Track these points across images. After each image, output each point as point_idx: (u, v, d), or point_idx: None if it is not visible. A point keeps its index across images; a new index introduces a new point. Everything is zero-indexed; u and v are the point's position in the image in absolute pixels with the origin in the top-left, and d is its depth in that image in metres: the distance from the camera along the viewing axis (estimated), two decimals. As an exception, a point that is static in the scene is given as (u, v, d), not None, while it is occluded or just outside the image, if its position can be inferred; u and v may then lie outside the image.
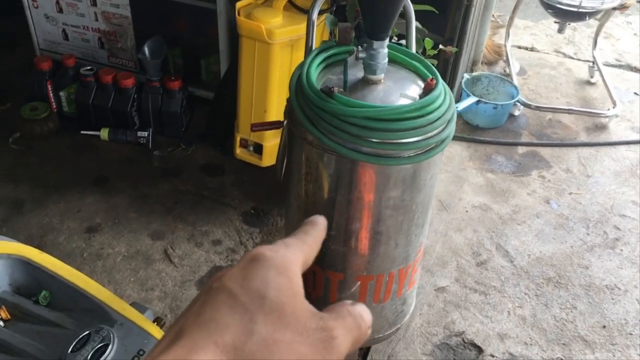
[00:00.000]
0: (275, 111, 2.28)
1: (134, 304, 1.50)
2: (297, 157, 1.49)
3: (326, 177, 1.43)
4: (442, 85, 1.39)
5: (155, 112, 2.59)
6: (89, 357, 1.29)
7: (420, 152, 1.36)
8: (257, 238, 2.24)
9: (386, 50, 1.38)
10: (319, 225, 0.48)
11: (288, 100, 1.51)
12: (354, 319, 0.41)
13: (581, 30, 3.73)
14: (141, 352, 1.35)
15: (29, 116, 2.57)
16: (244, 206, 2.37)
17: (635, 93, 3.24)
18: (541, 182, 2.59)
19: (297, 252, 0.43)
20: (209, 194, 2.42)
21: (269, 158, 2.40)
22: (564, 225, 2.38)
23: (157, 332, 1.41)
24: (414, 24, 1.57)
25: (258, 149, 2.43)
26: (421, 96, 1.37)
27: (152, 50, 2.49)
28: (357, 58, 1.39)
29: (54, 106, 2.66)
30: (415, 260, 1.62)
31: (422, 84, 1.46)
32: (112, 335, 1.35)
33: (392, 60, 1.47)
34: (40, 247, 2.11)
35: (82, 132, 2.60)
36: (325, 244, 1.43)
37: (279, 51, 2.19)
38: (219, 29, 2.47)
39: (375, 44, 1.36)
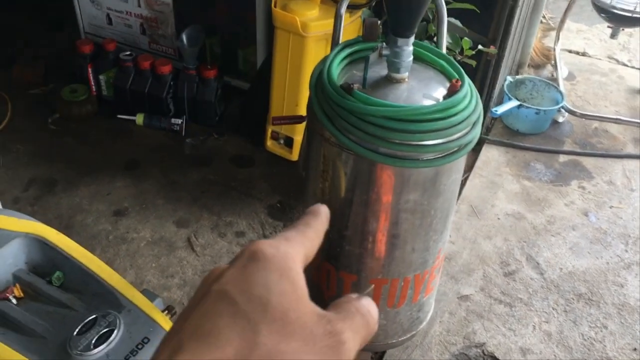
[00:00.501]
0: (307, 105, 2.25)
1: (144, 291, 1.50)
2: (315, 154, 1.45)
3: (343, 176, 1.39)
4: (468, 86, 1.33)
5: (190, 100, 2.60)
6: (93, 340, 1.30)
7: (440, 155, 1.31)
8: (280, 232, 2.22)
9: (411, 48, 1.33)
10: (320, 216, 0.44)
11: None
12: (362, 317, 0.38)
13: (637, 37, 3.55)
14: (145, 340, 1.34)
15: (69, 98, 2.62)
16: (270, 199, 2.36)
17: (690, 105, 3.06)
18: (581, 193, 2.48)
19: (299, 246, 0.40)
20: (236, 185, 2.42)
21: (298, 152, 2.37)
22: (601, 240, 2.27)
23: (164, 321, 1.40)
24: (445, 21, 1.51)
25: (289, 142, 2.41)
26: (445, 97, 1.31)
27: (190, 38, 2.50)
28: (380, 55, 1.35)
29: (94, 89, 2.70)
30: (433, 267, 1.57)
31: (447, 83, 1.40)
32: (118, 321, 1.35)
33: (418, 59, 1.42)
34: (68, 227, 2.16)
35: (119, 116, 2.64)
36: (340, 244, 1.39)
37: (314, 45, 2.16)
38: (257, 20, 2.46)
39: (400, 41, 1.31)
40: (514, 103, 2.64)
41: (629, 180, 2.56)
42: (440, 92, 1.37)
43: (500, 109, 2.58)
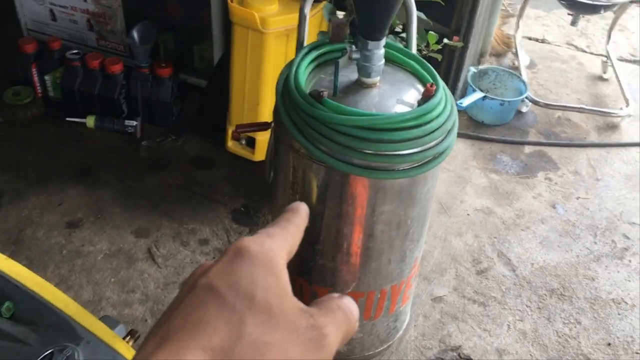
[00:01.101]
0: (269, 104, 2.16)
1: (104, 318, 1.40)
2: (284, 164, 1.37)
3: (314, 188, 1.32)
4: (442, 90, 1.27)
5: (144, 100, 2.47)
6: (50, 379, 1.19)
7: (416, 164, 1.24)
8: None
9: (382, 51, 1.25)
10: (300, 213, 0.45)
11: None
12: (343, 313, 0.39)
13: (595, 22, 3.56)
14: (108, 373, 1.24)
15: (12, 101, 2.45)
16: (234, 203, 2.26)
17: (649, 90, 3.09)
18: (548, 185, 2.47)
19: (282, 243, 0.41)
20: (197, 189, 2.31)
21: (262, 152, 2.27)
22: (570, 233, 2.26)
23: (127, 351, 1.30)
24: (415, 21, 1.43)
25: (251, 142, 2.31)
26: (420, 103, 1.24)
27: (142, 35, 2.36)
28: (350, 58, 1.26)
29: (39, 91, 2.54)
30: (410, 276, 1.51)
31: (420, 88, 1.33)
32: (77, 355, 1.25)
33: (389, 60, 1.34)
34: (17, 242, 2.02)
35: (68, 119, 2.48)
36: (312, 257, 1.30)
37: (274, 41, 2.06)
38: (212, 15, 2.34)
39: (371, 44, 1.23)
40: (478, 95, 2.60)
41: (593, 170, 2.56)
42: (413, 96, 1.30)
43: (466, 101, 2.54)
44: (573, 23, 2.85)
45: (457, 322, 1.92)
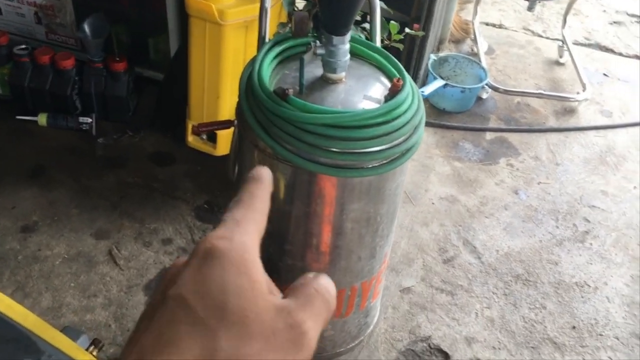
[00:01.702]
0: (230, 98, 2.11)
1: (65, 330, 1.34)
2: (249, 163, 1.33)
3: (281, 188, 1.28)
4: (409, 85, 1.25)
5: (99, 96, 2.38)
6: (10, 397, 1.14)
7: (385, 161, 1.22)
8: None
9: (347, 46, 1.22)
10: (264, 181, 0.43)
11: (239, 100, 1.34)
12: (322, 298, 0.38)
13: (550, 7, 3.61)
14: (72, 388, 1.20)
15: (-43, 100, 2.33)
16: (197, 200, 2.21)
17: (604, 74, 3.15)
18: (509, 171, 2.49)
19: (251, 226, 0.39)
20: (158, 187, 2.24)
21: (224, 146, 2.22)
22: (533, 218, 2.29)
23: (90, 363, 1.26)
24: (379, 12, 1.41)
25: (212, 137, 2.25)
26: (387, 98, 1.22)
27: (94, 28, 2.27)
28: (315, 54, 1.23)
29: (-15, 88, 2.42)
30: (380, 271, 1.50)
31: (387, 82, 1.31)
32: (38, 370, 1.20)
33: (353, 54, 1.31)
34: (-32, 250, 1.92)
35: (18, 117, 2.38)
36: (280, 258, 1.27)
37: (232, 33, 2.00)
38: (167, 7, 2.26)
39: (335, 39, 1.20)
40: (440, 83, 2.59)
41: (553, 155, 2.60)
42: (380, 91, 1.28)
43: (427, 90, 2.54)
44: (530, 8, 2.88)
45: (426, 313, 1.93)
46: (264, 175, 0.43)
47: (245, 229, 0.39)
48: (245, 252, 0.37)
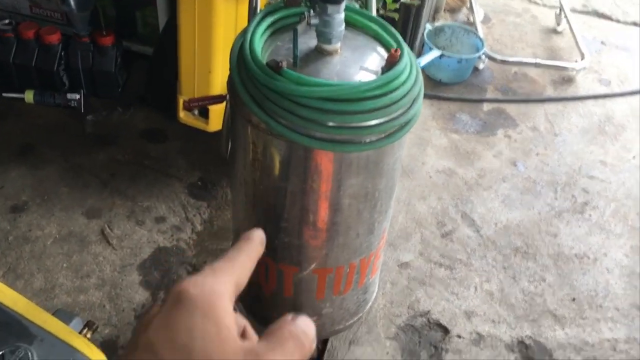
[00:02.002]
0: (222, 72, 2.05)
1: (58, 313, 1.31)
2: (242, 140, 1.28)
3: (276, 165, 1.24)
4: (407, 56, 1.20)
5: (87, 71, 2.31)
6: (2, 384, 1.11)
7: (383, 135, 1.18)
8: (205, 213, 2.05)
9: (342, 15, 1.17)
10: (253, 241, 0.46)
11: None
12: (295, 341, 0.39)
13: (547, -27, 3.53)
14: (66, 372, 1.17)
15: (-60, 78, 2.26)
16: (190, 177, 2.16)
17: (602, 42, 3.10)
18: (507, 143, 2.45)
19: (227, 276, 0.41)
20: (150, 164, 2.20)
21: (216, 122, 2.17)
22: (531, 190, 2.26)
23: (84, 346, 1.22)
24: (375, -20, 1.35)
25: (204, 112, 2.20)
26: (384, 70, 1.17)
27: (79, 1, 2.19)
28: (308, 24, 1.18)
29: (-31, 66, 2.35)
30: (378, 247, 1.47)
31: (384, 53, 1.26)
32: (30, 355, 1.17)
33: (348, 24, 1.26)
34: (-43, 231, 1.88)
35: (3, 94, 2.31)
36: (277, 235, 1.23)
37: (223, 4, 1.94)
38: (154, -23, 2.19)
39: (330, 8, 1.15)
40: (436, 53, 2.54)
41: (551, 125, 2.56)
42: (376, 62, 1.23)
43: (423, 60, 2.48)
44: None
45: (424, 287, 1.91)
46: (255, 236, 0.46)
47: (220, 278, 0.41)
48: (216, 298, 0.39)
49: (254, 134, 1.23)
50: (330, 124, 1.13)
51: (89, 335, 1.33)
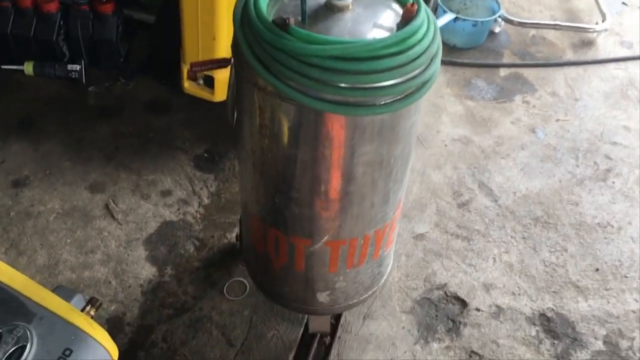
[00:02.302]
0: (226, 39, 1.96)
1: (58, 290, 1.25)
2: (249, 105, 1.20)
3: (285, 131, 1.16)
4: (424, 11, 1.11)
5: (87, 41, 2.23)
6: (0, 364, 1.06)
7: (399, 97, 1.09)
8: (212, 186, 1.98)
9: (354, -34, 1.08)
10: None
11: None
12: None
13: None
14: (67, 352, 1.11)
15: (-64, 50, 2.19)
16: (195, 149, 2.09)
17: (623, 3, 2.96)
18: (526, 109, 2.35)
19: None
20: (155, 136, 2.12)
21: (222, 91, 2.09)
22: (552, 157, 2.17)
23: (86, 324, 1.17)
24: None
25: (209, 81, 2.12)
26: (399, 26, 1.08)
27: (76, -33, 2.10)
28: (317, -23, 1.09)
29: (-33, 37, 2.27)
30: (394, 218, 1.39)
31: (399, 9, 1.17)
32: (29, 334, 1.11)
33: (361, -22, 1.17)
34: (-43, 208, 1.82)
35: (3, 67, 2.24)
36: (287, 206, 1.15)
37: (226, -34, 1.84)
38: (154, -61, 2.08)
39: (341, -41, 1.06)
40: (450, 16, 2.43)
41: (572, 90, 2.46)
42: (391, 19, 1.14)
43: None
44: None
45: (441, 259, 1.84)
46: None
47: None
48: None
49: (260, 98, 1.15)
50: (342, 85, 1.05)
51: (92, 313, 1.27)
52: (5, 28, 2.20)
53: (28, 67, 2.23)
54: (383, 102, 1.08)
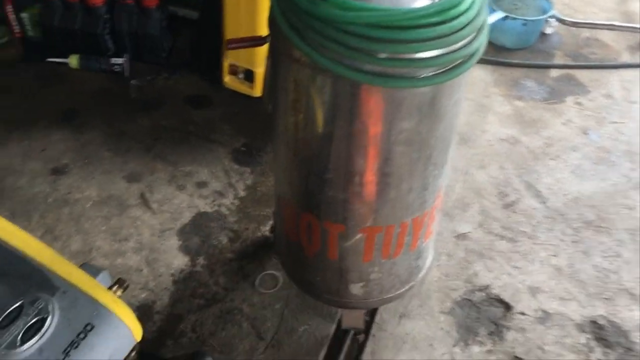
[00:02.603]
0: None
1: (84, 266, 1.23)
2: (284, 80, 1.16)
3: (320, 105, 1.11)
4: (471, -19, 1.05)
5: (131, 35, 2.25)
6: (20, 334, 1.03)
7: (441, 70, 1.03)
8: (248, 179, 1.94)
9: None
10: None
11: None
12: None
13: None
14: (89, 327, 1.08)
15: (-13, 42, 2.24)
16: (234, 142, 2.06)
17: (684, 6, 2.82)
18: (578, 110, 2.24)
19: None
20: (194, 130, 2.11)
21: (261, 86, 2.07)
22: (605, 160, 2.05)
23: (111, 301, 1.13)
24: None
25: (249, 75, 2.09)
26: (444, -5, 1.02)
27: (123, -39, 2.12)
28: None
29: (16, 30, 2.32)
30: (434, 206, 1.32)
31: (444, -20, 1.11)
32: (51, 307, 1.08)
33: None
34: (-2, 192, 1.84)
35: (49, 59, 2.27)
36: (321, 189, 1.08)
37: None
38: None
39: None
40: (499, 15, 2.35)
41: (627, 92, 2.33)
42: (435, -12, 1.08)
43: (485, 22, 2.29)
44: None
45: (484, 260, 1.74)
46: None
47: None
48: None
49: (295, 71, 1.11)
50: (381, 55, 1.00)
51: (119, 293, 1.24)
52: (52, 21, 2.24)
53: (73, 60, 2.26)
54: (423, 75, 1.02)
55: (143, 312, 1.58)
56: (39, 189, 1.88)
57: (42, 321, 1.05)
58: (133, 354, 1.20)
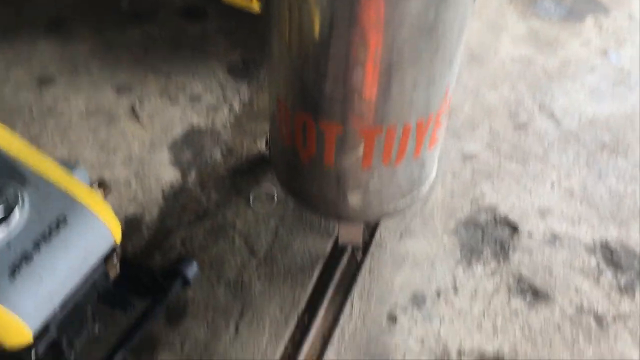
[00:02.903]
0: None
1: (59, 161, 1.14)
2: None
3: (315, -17, 0.99)
4: None
5: (122, -59, 2.10)
6: (-15, 224, 0.95)
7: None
8: (244, 94, 1.83)
9: None
10: None
11: None
12: None
13: None
14: (61, 218, 0.99)
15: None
16: (230, 55, 1.95)
17: None
18: (597, 31, 2.10)
19: None
20: (188, 42, 1.99)
21: (261, -3, 1.93)
22: (625, 82, 1.93)
23: (86, 196, 1.04)
24: None
25: (248, -14, 1.96)
26: None
27: None
28: None
29: None
30: (440, 110, 1.21)
31: None
32: (20, 195, 0.99)
33: None
34: (-20, 101, 1.74)
35: (35, -34, 2.14)
36: (317, 84, 0.94)
37: None
38: None
39: None
40: None
41: (652, 13, 2.19)
42: None
43: None
44: None
45: (491, 181, 1.65)
46: None
47: None
48: None
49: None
50: None
51: (99, 194, 1.16)
52: None
53: (61, -32, 2.12)
54: (434, -57, 0.90)
55: (131, 225, 1.50)
56: (23, 99, 1.78)
57: (9, 209, 0.97)
58: (115, 259, 1.12)
